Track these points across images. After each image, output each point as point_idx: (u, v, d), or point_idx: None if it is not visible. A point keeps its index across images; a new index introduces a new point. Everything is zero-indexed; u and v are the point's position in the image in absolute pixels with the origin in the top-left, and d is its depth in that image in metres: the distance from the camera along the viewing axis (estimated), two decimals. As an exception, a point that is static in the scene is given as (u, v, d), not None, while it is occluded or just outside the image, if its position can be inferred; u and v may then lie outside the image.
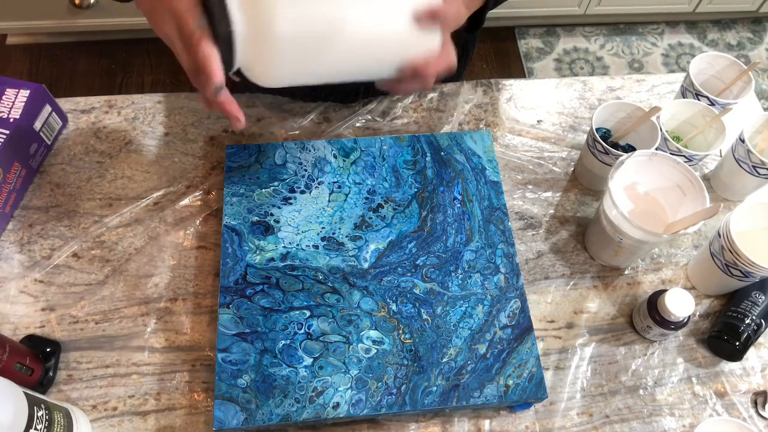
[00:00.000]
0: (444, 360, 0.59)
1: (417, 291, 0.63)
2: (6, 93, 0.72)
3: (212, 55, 0.48)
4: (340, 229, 0.66)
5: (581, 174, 0.77)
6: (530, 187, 0.77)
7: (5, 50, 1.89)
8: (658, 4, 1.94)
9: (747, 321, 0.65)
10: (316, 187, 0.68)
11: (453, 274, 0.64)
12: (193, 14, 0.48)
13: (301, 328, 0.60)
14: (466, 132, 0.73)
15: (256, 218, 0.66)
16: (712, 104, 0.75)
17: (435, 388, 0.58)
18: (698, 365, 0.67)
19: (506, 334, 0.61)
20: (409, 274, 0.63)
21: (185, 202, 0.73)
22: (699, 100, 0.76)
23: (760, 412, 0.65)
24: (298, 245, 0.65)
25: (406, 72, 0.55)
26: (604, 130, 0.75)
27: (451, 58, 0.56)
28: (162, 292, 0.68)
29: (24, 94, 0.72)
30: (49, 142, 0.76)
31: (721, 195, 0.79)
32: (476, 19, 0.69)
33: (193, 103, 0.81)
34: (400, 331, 0.60)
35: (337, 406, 0.57)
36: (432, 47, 0.54)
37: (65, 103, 0.80)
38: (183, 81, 0.88)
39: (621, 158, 0.64)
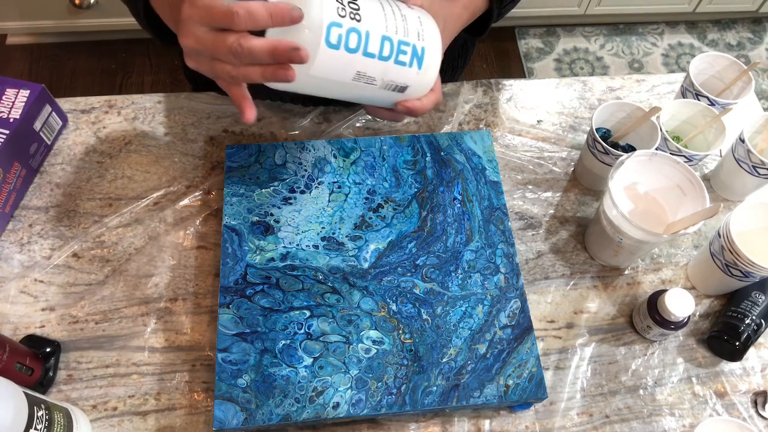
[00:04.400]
0: (444, 360, 0.59)
1: (417, 291, 0.63)
2: (6, 93, 0.72)
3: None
4: (340, 229, 0.66)
5: (581, 174, 0.77)
6: (530, 187, 0.77)
7: (5, 50, 1.89)
8: (658, 4, 1.94)
9: (747, 321, 0.65)
10: (316, 187, 0.68)
11: (453, 274, 0.64)
12: None
13: (301, 328, 0.60)
14: (466, 132, 0.73)
15: (256, 218, 0.66)
16: (712, 104, 0.75)
17: (435, 388, 0.58)
18: (698, 365, 0.67)
19: (506, 334, 0.61)
20: (409, 274, 0.63)
21: (185, 202, 0.73)
22: (699, 100, 0.75)
23: (760, 412, 0.65)
24: (298, 245, 0.65)
25: (400, 110, 0.58)
26: (604, 130, 0.75)
27: (438, 95, 0.60)
28: (162, 292, 0.68)
29: (24, 94, 0.72)
30: (49, 142, 0.76)
31: (721, 195, 0.79)
32: (480, 26, 0.69)
33: (193, 103, 0.81)
34: (400, 331, 0.60)
35: (337, 406, 0.57)
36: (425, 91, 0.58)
37: (65, 103, 0.80)
38: (183, 81, 0.88)
39: (621, 158, 0.64)
